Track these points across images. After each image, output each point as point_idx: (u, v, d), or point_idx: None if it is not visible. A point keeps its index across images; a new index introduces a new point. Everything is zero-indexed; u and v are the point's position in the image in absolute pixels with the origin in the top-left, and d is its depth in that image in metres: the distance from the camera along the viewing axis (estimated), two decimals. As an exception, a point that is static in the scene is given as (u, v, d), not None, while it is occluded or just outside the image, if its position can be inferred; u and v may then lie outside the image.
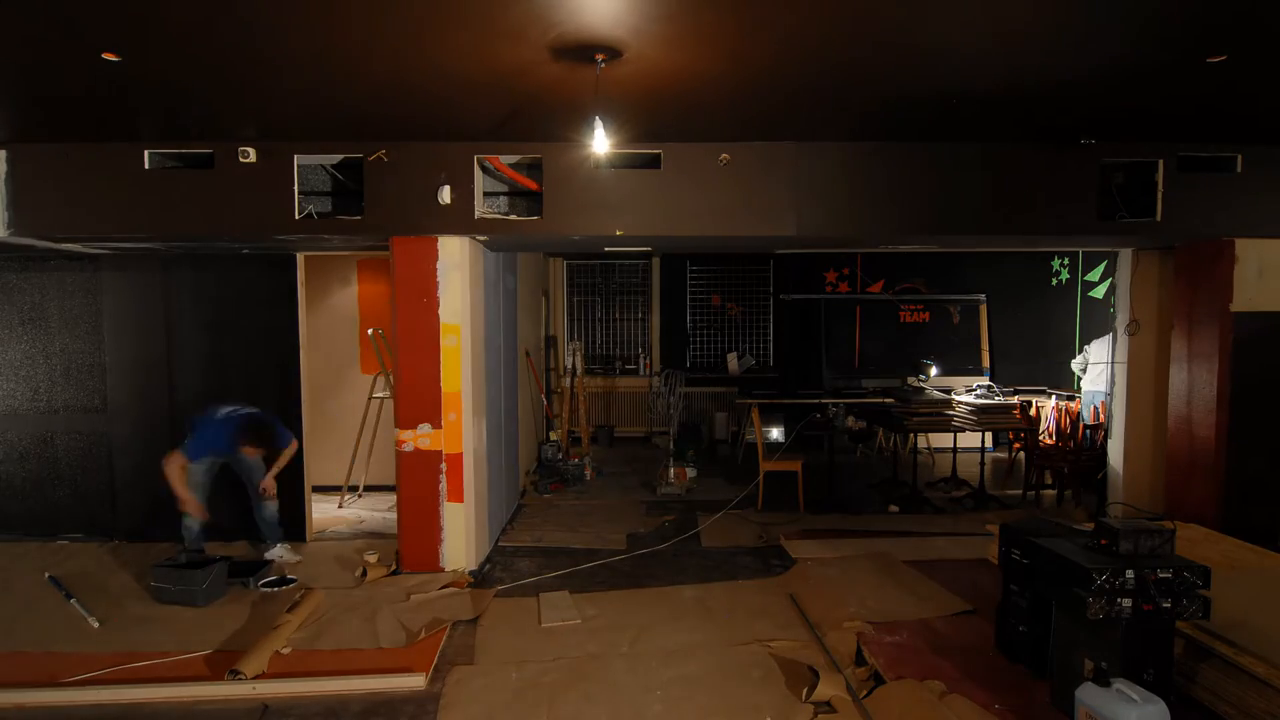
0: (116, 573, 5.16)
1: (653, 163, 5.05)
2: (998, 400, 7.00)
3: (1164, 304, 5.97)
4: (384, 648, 4.00)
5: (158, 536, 5.77)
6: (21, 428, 5.92)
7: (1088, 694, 2.82)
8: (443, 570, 5.08)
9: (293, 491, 5.87)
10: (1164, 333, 5.96)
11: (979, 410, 6.91)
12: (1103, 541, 3.17)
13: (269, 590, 4.79)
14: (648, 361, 10.63)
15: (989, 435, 7.62)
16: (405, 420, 5.08)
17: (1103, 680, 2.81)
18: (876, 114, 4.48)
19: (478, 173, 5.00)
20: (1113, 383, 6.27)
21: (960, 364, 8.57)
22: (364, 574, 5.03)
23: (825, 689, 3.43)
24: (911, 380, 8.43)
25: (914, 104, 4.24)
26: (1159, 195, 5.17)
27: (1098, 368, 7.46)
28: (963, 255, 9.58)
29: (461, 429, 5.09)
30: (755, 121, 4.63)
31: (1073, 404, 7.78)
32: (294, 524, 5.86)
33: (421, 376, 5.06)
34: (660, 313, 10.62)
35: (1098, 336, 8.90)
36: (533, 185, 5.03)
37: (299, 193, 4.95)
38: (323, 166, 5.05)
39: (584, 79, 3.69)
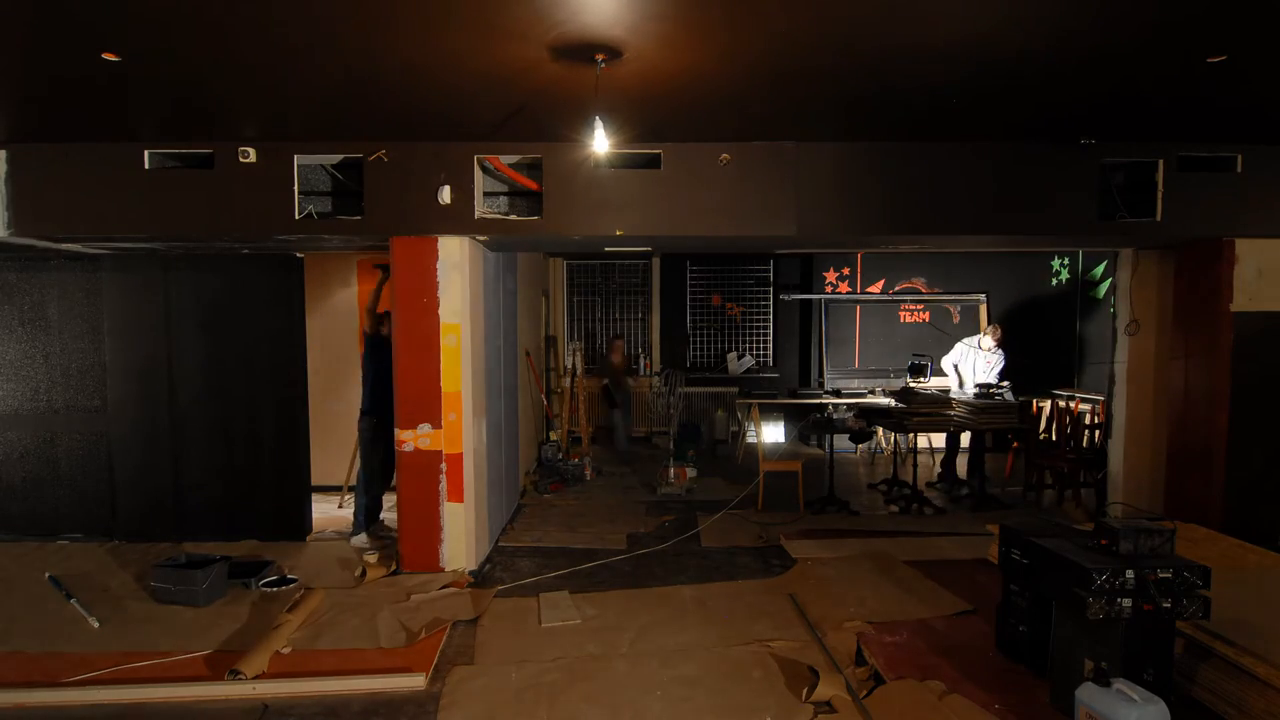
0: (116, 573, 5.16)
1: (653, 163, 5.05)
2: (997, 400, 7.01)
3: (1164, 304, 5.97)
4: (384, 648, 4.00)
5: (158, 536, 5.77)
6: (21, 428, 5.91)
7: (1088, 694, 2.82)
8: (443, 570, 5.08)
9: (293, 491, 5.88)
10: (1164, 333, 5.96)
11: (979, 410, 6.90)
12: (1103, 541, 3.17)
13: (269, 590, 4.79)
14: (648, 361, 10.62)
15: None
16: (405, 420, 5.08)
17: (1103, 680, 2.81)
18: (875, 112, 4.47)
19: (478, 173, 5.00)
20: (1113, 382, 6.28)
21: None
22: (364, 574, 5.03)
23: (825, 689, 3.43)
24: (911, 379, 8.43)
25: (913, 100, 4.24)
26: (1159, 195, 5.17)
27: (961, 365, 7.65)
28: (962, 255, 9.59)
29: (461, 429, 5.09)
30: (755, 121, 4.63)
31: (1073, 404, 7.78)
32: (294, 524, 5.87)
33: (421, 376, 5.05)
34: (660, 313, 10.62)
35: (1098, 336, 8.91)
36: (533, 185, 5.03)
37: (299, 193, 4.95)
38: (323, 166, 5.05)
39: (584, 79, 3.69)
